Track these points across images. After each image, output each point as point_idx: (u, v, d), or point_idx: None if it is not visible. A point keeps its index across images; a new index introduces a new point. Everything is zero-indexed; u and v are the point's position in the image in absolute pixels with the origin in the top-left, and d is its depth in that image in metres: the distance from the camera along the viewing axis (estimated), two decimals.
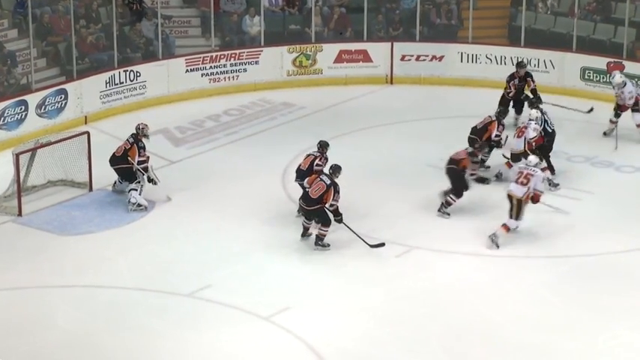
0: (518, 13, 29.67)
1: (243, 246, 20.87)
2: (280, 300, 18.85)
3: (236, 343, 17.81)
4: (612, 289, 19.34)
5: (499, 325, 17.91)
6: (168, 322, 18.37)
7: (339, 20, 29.82)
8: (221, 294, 19.09)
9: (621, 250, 20.74)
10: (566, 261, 20.50)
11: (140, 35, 28.53)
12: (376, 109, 27.51)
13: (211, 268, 20.02)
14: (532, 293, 19.29)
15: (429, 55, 29.42)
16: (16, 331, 18.13)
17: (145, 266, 20.26)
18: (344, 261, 20.29)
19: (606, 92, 27.27)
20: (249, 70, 28.94)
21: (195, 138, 26.14)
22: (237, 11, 29.61)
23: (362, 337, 17.71)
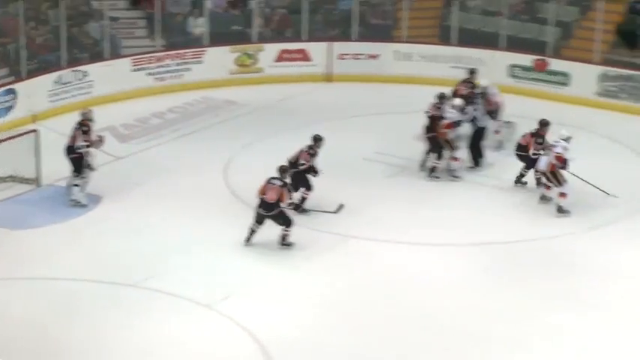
0: (450, 14, 29.87)
1: (187, 238, 20.96)
2: (223, 289, 19.01)
3: (181, 330, 17.90)
4: (543, 274, 19.64)
5: (437, 310, 18.08)
6: (118, 311, 18.44)
7: (280, 21, 29.93)
8: (166, 284, 19.18)
9: (549, 236, 21.12)
10: (498, 247, 20.66)
11: (88, 36, 28.26)
12: (316, 105, 27.74)
13: (157, 259, 20.13)
14: (467, 280, 19.49)
15: (366, 54, 29.70)
16: None
17: (94, 258, 20.30)
18: (287, 252, 20.36)
19: (532, 88, 27.58)
20: (193, 70, 29.12)
21: (140, 135, 26.23)
22: (182, 12, 29.59)
23: (302, 325, 17.84)
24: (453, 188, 23.34)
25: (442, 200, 22.67)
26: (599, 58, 28.12)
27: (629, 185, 23.26)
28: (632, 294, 18.90)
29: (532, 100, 27.38)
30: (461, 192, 23.18)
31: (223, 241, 20.74)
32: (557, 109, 26.85)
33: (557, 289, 19.00)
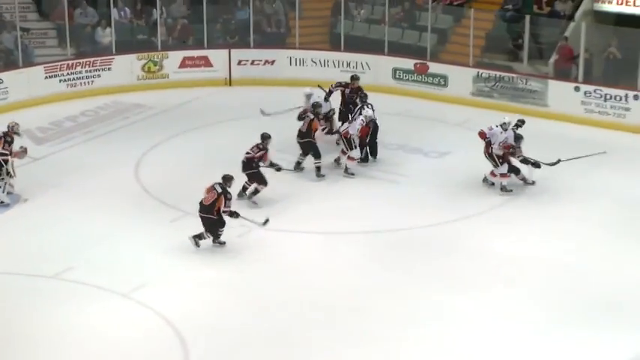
0: (338, 22, 29.98)
1: (101, 232, 20.80)
2: (137, 279, 18.88)
3: (99, 318, 17.72)
4: (424, 258, 19.81)
5: (326, 291, 18.17)
6: (37, 302, 18.23)
7: (182, 30, 29.88)
8: (83, 274, 19.03)
9: (430, 224, 21.18)
10: (383, 235, 20.82)
11: (1, 46, 28.22)
12: (217, 108, 27.62)
13: (74, 252, 19.91)
14: (354, 263, 19.64)
15: (262, 60, 29.65)
16: None
17: (13, 252, 20.07)
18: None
19: (415, 89, 27.94)
20: (102, 76, 28.84)
21: (55, 137, 25.96)
22: (90, 23, 29.42)
23: (212, 310, 17.86)
24: (346, 182, 23.39)
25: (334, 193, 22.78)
26: (473, 62, 28.36)
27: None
28: (502, 273, 19.15)
29: (415, 100, 27.54)
30: (354, 185, 23.27)
31: (137, 235, 20.62)
32: (437, 107, 27.36)
33: (437, 271, 19.13)
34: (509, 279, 19.05)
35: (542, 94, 27.19)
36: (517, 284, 18.86)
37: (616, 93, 26.48)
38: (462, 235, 20.83)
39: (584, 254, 19.81)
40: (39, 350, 16.96)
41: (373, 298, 18.28)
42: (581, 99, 26.55)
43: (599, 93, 26.61)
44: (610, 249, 20.08)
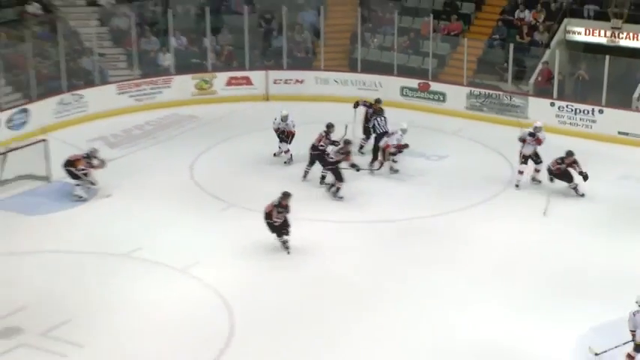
0: (355, 49, 29.93)
1: (163, 219, 20.96)
2: (191, 257, 19.12)
3: (160, 288, 18.12)
4: (423, 243, 19.87)
5: (341, 272, 18.35)
6: (113, 275, 18.56)
7: (228, 55, 29.90)
8: (148, 253, 19.30)
9: (430, 215, 21.22)
10: (388, 224, 20.87)
11: (83, 68, 28.35)
12: (257, 119, 27.32)
13: (141, 235, 20.13)
14: (362, 247, 19.73)
15: (294, 79, 29.52)
16: (2, 283, 18.19)
17: (93, 236, 20.27)
18: (243, 230, 20.33)
19: (418, 104, 27.95)
20: (163, 92, 28.82)
21: (125, 142, 26.00)
22: (153, 49, 29.53)
23: (251, 280, 18.12)
24: (358, 180, 23.00)
25: (349, 189, 22.46)
26: (466, 81, 28.16)
27: (489, 175, 23.50)
28: (487, 254, 19.27)
29: (418, 113, 27.31)
30: (366, 183, 23.06)
31: (192, 221, 20.78)
32: (437, 119, 27.20)
33: (434, 255, 19.24)
34: (494, 261, 19.13)
35: (524, 109, 27.13)
36: (502, 265, 18.94)
37: (584, 108, 26.43)
38: (456, 224, 20.83)
39: (559, 242, 19.84)
40: (114, 314, 17.19)
41: (377, 277, 18.45)
42: (555, 112, 26.51)
43: (571, 108, 26.58)
44: (581, 238, 20.12)
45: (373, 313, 17.10)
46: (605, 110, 26.13)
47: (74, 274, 18.67)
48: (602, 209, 21.54)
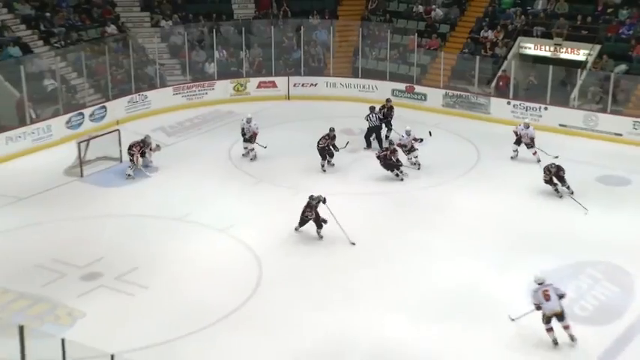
0: (357, 59, 29.87)
1: (207, 191, 21.15)
2: (229, 220, 19.29)
3: (205, 244, 18.42)
4: (411, 211, 20.07)
5: (349, 233, 18.30)
6: (170, 235, 18.84)
7: (258, 65, 29.85)
8: (196, 217, 19.57)
9: (416, 188, 21.30)
10: (385, 196, 20.98)
11: (147, 75, 28.44)
12: (281, 114, 27.49)
13: (190, 203, 20.36)
14: (367, 212, 19.91)
15: (309, 83, 29.37)
16: (79, 243, 18.40)
17: (154, 204, 20.57)
18: (273, 199, 20.59)
19: (406, 102, 27.88)
20: (208, 93, 28.75)
21: (179, 132, 26.08)
22: (201, 60, 29.58)
23: (277, 240, 18.28)
24: (364, 163, 22.91)
25: (357, 170, 22.62)
26: (443, 85, 28.02)
27: (461, 158, 23.55)
28: (460, 219, 19.40)
29: (406, 109, 26.88)
30: (368, 165, 22.64)
31: (230, 192, 21.00)
32: (420, 114, 26.92)
33: (419, 219, 19.46)
34: (466, 224, 19.30)
35: (487, 107, 27.18)
36: (472, 228, 19.10)
37: (533, 105, 26.45)
38: (437, 195, 20.96)
39: (515, 209, 20.04)
40: (170, 263, 17.52)
41: (378, 237, 18.62)
42: (511, 109, 26.56)
43: (523, 105, 26.57)
44: (532, 206, 20.25)
45: (372, 262, 17.36)
46: (549, 107, 26.19)
47: (140, 232, 19.03)
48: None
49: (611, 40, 27.41)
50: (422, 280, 16.68)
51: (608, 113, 25.40)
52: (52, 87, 25.90)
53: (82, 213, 20.00)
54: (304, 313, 15.53)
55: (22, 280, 16.60)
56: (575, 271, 17.02)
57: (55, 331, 13.90)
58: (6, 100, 24.79)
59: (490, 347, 14.55)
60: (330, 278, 16.53)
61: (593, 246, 17.95)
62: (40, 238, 18.65)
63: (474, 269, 17.10)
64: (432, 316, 15.40)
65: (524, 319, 14.86)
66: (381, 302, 15.92)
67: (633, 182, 21.80)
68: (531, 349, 14.65)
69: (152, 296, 16.23)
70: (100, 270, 17.09)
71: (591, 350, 14.49)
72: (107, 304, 15.95)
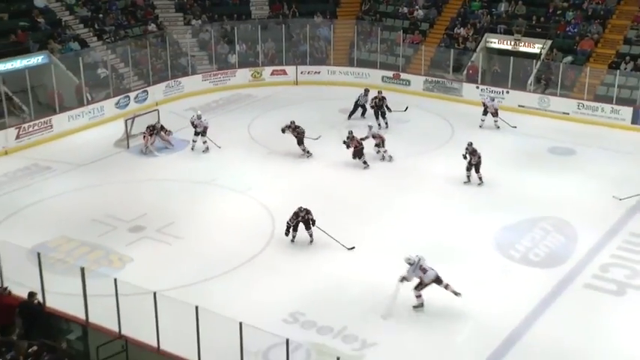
0: (353, 51, 29.50)
1: (230, 160, 21.16)
2: (248, 184, 19.34)
3: (230, 204, 18.55)
4: (398, 175, 20.02)
5: (347, 194, 18.62)
6: (199, 195, 19.03)
7: (272, 56, 29.60)
8: (222, 182, 19.69)
9: (401, 157, 21.05)
10: (376, 163, 20.77)
11: (181, 64, 28.33)
12: (290, 97, 27.22)
13: (217, 170, 20.44)
14: (363, 180, 19.91)
15: (313, 71, 29.01)
16: (126, 202, 18.53)
17: (186, 170, 20.64)
18: (285, 166, 20.59)
19: (393, 87, 27.59)
20: (231, 79, 28.44)
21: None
22: (225, 52, 29.39)
23: (288, 199, 18.06)
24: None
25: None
26: (424, 72, 27.69)
27: (437, 132, 23.42)
28: (436, 182, 19.51)
29: (393, 93, 26.23)
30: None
31: (249, 161, 21.01)
32: (404, 97, 26.40)
33: (404, 183, 19.51)
34: (440, 186, 19.40)
35: (459, 90, 27.06)
36: (445, 188, 19.29)
37: (497, 89, 26.26)
38: (418, 163, 20.97)
39: (484, 174, 19.85)
40: (200, 218, 17.60)
41: (370, 198, 18.77)
42: (479, 93, 26.34)
43: (489, 89, 26.34)
44: (496, 170, 20.22)
45: (361, 217, 17.49)
46: (510, 91, 26.09)
47: (175, 193, 19.19)
48: (509, 153, 21.84)
49: (560, 36, 27.36)
50: (404, 232, 16.84)
51: (557, 96, 25.39)
52: (104, 75, 25.94)
53: (128, 177, 20.14)
54: (309, 258, 15.81)
55: (82, 232, 16.84)
56: (530, 225, 17.21)
57: (108, 273, 14.11)
58: (68, 85, 24.84)
59: (460, 282, 14.70)
60: (330, 232, 16.61)
61: (544, 204, 18.12)
62: (95, 198, 18.86)
63: (447, 223, 17.26)
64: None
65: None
66: (372, 251, 16.14)
67: (577, 152, 21.89)
68: (492, 283, 14.85)
69: (186, 245, 16.42)
70: (143, 224, 17.24)
71: (540, 288, 14.68)
72: (150, 251, 16.18)
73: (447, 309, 13.94)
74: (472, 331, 13.45)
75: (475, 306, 14.00)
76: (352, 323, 13.40)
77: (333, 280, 14.85)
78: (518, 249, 16.17)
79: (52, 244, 16.19)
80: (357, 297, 14.33)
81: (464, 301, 14.06)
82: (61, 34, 26.47)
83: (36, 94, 23.80)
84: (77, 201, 18.60)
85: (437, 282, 13.85)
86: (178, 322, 11.73)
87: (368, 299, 14.18)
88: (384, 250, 16.04)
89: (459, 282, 14.72)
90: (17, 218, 17.63)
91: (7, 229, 16.71)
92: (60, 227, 17.00)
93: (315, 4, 31.50)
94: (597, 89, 25.11)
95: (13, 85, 23.21)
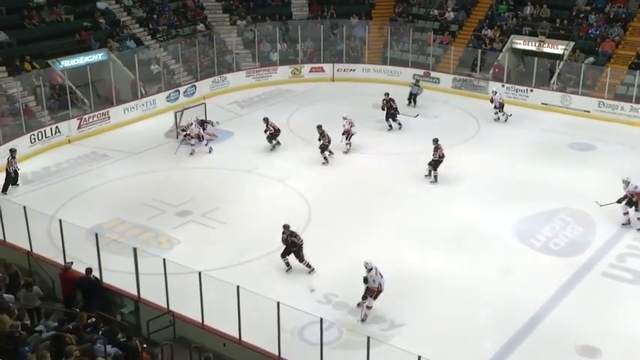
0: (386, 50, 29.19)
1: (269, 151, 21.03)
2: (286, 173, 19.38)
3: (269, 191, 18.51)
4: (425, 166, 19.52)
5: (377, 183, 18.34)
6: (241, 183, 19.13)
7: (310, 54, 29.40)
8: (263, 170, 19.68)
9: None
10: (406, 156, 20.55)
11: (226, 61, 28.39)
12: (327, 92, 27.09)
13: (258, 159, 20.48)
14: (391, 169, 19.57)
15: (349, 69, 28.79)
16: (174, 188, 18.63)
17: (229, 159, 20.67)
18: (315, 157, 20.28)
19: (424, 84, 26.93)
20: (272, 76, 28.37)
21: (249, 105, 25.84)
22: (267, 50, 29.35)
23: (322, 187, 18.28)
24: (384, 130, 22.73)
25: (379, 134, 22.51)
26: (452, 71, 27.24)
27: (464, 127, 23.05)
28: (463, 173, 19.23)
29: (424, 90, 26.33)
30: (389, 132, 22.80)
31: (286, 152, 20.98)
32: (433, 94, 26.34)
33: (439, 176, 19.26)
34: (468, 177, 19.20)
35: (486, 88, 26.56)
36: (472, 179, 18.99)
37: (522, 88, 25.86)
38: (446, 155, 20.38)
39: (504, 166, 19.94)
40: (241, 204, 17.68)
41: (397, 185, 18.58)
42: (504, 91, 25.76)
43: (514, 88, 25.96)
44: (517, 164, 19.94)
45: (392, 209, 17.31)
46: (534, 90, 25.61)
47: (219, 180, 19.34)
48: (531, 147, 21.47)
49: (582, 38, 26.77)
50: (429, 220, 16.73)
51: (579, 95, 24.87)
52: (156, 70, 26.14)
53: (176, 165, 20.29)
54: (342, 242, 15.76)
55: (134, 214, 17.05)
56: (550, 215, 16.93)
57: (158, 253, 14.25)
58: (124, 80, 25.09)
59: (482, 268, 14.57)
60: (360, 217, 16.64)
61: (564, 196, 17.84)
62: (146, 184, 19.05)
63: (470, 211, 17.09)
64: (439, 247, 15.45)
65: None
66: (397, 235, 16.07)
67: (597, 148, 21.45)
68: (513, 270, 14.64)
69: (229, 229, 16.52)
70: (190, 208, 17.37)
71: (559, 276, 14.44)
72: (195, 234, 16.30)
73: (470, 294, 13.82)
74: (494, 315, 13.30)
75: (497, 292, 13.86)
76: (381, 305, 13.34)
77: (361, 263, 14.77)
78: (539, 238, 15.91)
79: (107, 225, 16.41)
80: (385, 280, 14.24)
81: (486, 287, 13.94)
82: (118, 33, 26.77)
83: (95, 88, 24.14)
84: (130, 186, 18.81)
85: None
86: (221, 300, 11.82)
87: (396, 283, 14.07)
88: (411, 236, 15.94)
89: (481, 268, 14.61)
90: (77, 201, 17.91)
91: (69, 211, 16.97)
92: (115, 210, 17.22)
93: (352, 5, 31.30)
94: (617, 88, 24.56)
95: (76, 80, 23.60)
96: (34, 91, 22.91)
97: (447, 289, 13.98)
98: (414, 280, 14.15)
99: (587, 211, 17.03)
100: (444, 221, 16.56)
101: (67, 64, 23.71)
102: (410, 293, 13.78)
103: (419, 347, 10.10)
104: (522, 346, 12.41)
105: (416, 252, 15.24)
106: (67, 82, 22.80)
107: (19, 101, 21.45)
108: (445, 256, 15.05)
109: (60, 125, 21.93)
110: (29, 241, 14.22)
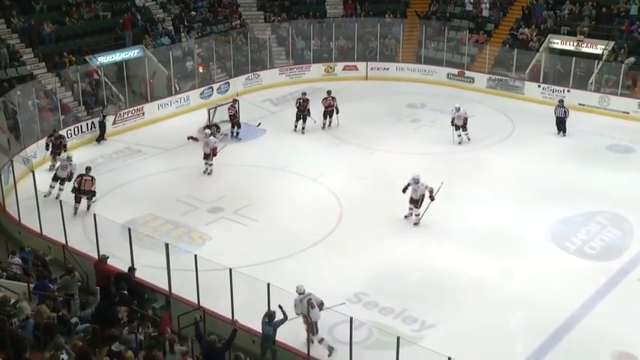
0: (420, 50, 29.12)
1: (303, 149, 21.18)
2: (319, 171, 19.32)
3: (302, 189, 18.51)
4: (459, 167, 19.41)
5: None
6: (273, 180, 19.09)
7: (342, 51, 29.31)
8: (294, 168, 19.64)
9: (463, 150, 20.55)
10: (439, 155, 20.38)
11: (260, 59, 28.49)
12: (360, 91, 26.92)
13: (290, 158, 20.40)
14: (427, 170, 19.04)
15: (382, 67, 28.67)
16: (207, 184, 18.79)
17: (262, 156, 20.73)
18: (349, 157, 20.43)
19: (458, 84, 26.99)
20: (305, 74, 28.40)
21: (282, 102, 25.71)
22: (301, 48, 29.40)
23: (359, 187, 18.20)
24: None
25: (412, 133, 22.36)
26: (487, 70, 27.08)
27: (499, 127, 22.84)
28: (496, 174, 19.06)
29: (458, 90, 26.35)
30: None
31: (319, 150, 21.00)
32: (468, 93, 26.09)
33: (465, 173, 19.09)
34: (501, 178, 18.98)
35: (522, 89, 26.30)
36: (505, 181, 18.75)
37: (559, 88, 25.38)
38: (480, 155, 20.44)
39: (539, 167, 19.67)
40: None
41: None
42: (541, 91, 25.62)
43: (551, 89, 25.57)
44: (553, 165, 19.70)
45: (429, 210, 16.82)
46: (572, 90, 25.18)
47: (252, 178, 19.37)
48: (568, 149, 21.16)
49: (624, 37, 26.18)
50: (464, 221, 16.55)
51: (618, 96, 24.41)
52: (191, 67, 26.36)
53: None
54: (374, 242, 15.68)
55: (167, 210, 17.20)
56: (586, 218, 16.65)
57: (189, 249, 14.33)
58: (159, 76, 25.36)
59: (516, 270, 14.39)
60: (392, 217, 16.54)
61: (601, 199, 17.50)
62: (179, 179, 19.21)
63: (505, 214, 16.86)
64: (472, 248, 15.30)
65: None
66: (432, 237, 15.91)
67: (636, 150, 21.03)
68: (547, 273, 14.41)
69: (260, 226, 16.53)
70: (222, 205, 17.46)
71: (595, 281, 14.18)
72: (227, 231, 16.37)
73: (502, 296, 13.66)
74: (526, 319, 13.13)
75: (530, 295, 13.68)
76: (412, 305, 13.28)
77: (394, 264, 14.73)
78: (574, 241, 15.66)
79: (140, 221, 16.59)
80: (417, 281, 14.19)
81: (519, 290, 13.78)
82: (154, 30, 27.06)
83: (131, 84, 24.45)
84: (163, 182, 18.99)
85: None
86: (251, 297, 11.87)
87: (427, 284, 14.02)
88: (444, 236, 15.81)
89: (514, 271, 14.43)
90: (112, 195, 18.15)
91: (104, 206, 17.21)
92: (148, 205, 17.41)
93: (386, 3, 31.19)
94: None
95: (112, 76, 23.90)
96: (72, 87, 23.31)
97: (479, 291, 13.83)
98: (445, 281, 14.04)
99: (625, 214, 16.71)
100: (477, 222, 16.39)
101: (103, 61, 24.08)
102: (442, 294, 13.68)
103: (449, 349, 10.02)
104: (555, 351, 12.22)
105: (448, 253, 15.13)
106: (102, 78, 23.12)
107: (57, 96, 21.85)
108: (478, 258, 14.90)
109: (95, 121, 22.27)
110: (64, 234, 14.44)
